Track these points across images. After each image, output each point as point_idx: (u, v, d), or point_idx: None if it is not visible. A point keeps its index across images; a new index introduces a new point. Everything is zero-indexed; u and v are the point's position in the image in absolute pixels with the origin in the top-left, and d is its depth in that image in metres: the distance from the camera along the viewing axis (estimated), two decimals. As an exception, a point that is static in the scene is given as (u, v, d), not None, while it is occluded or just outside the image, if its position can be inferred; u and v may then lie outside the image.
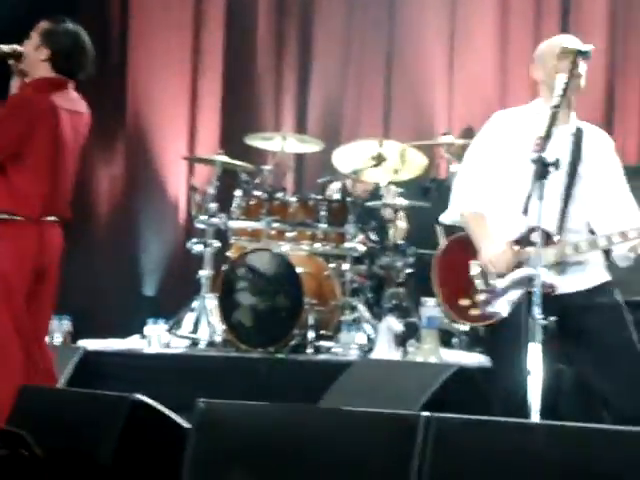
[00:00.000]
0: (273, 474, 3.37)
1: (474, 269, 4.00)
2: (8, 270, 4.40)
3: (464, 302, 4.02)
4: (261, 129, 7.62)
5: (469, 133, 6.68)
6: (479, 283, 3.99)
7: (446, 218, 4.21)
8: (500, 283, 3.94)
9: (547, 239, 3.91)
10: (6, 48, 4.61)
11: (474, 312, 4.01)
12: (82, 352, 6.11)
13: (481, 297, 4.00)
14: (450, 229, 6.55)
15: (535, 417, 3.70)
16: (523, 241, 3.93)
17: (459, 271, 4.04)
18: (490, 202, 4.03)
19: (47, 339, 4.74)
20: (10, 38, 4.65)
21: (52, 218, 4.57)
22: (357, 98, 7.85)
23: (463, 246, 4.07)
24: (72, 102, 4.60)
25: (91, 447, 3.39)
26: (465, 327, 6.17)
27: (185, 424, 3.64)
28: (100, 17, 8.20)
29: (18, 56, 4.61)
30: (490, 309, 4.00)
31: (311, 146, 7.05)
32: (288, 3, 8.04)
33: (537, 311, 3.66)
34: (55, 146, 4.51)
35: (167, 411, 3.63)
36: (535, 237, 3.79)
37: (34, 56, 4.57)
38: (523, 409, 3.72)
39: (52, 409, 3.56)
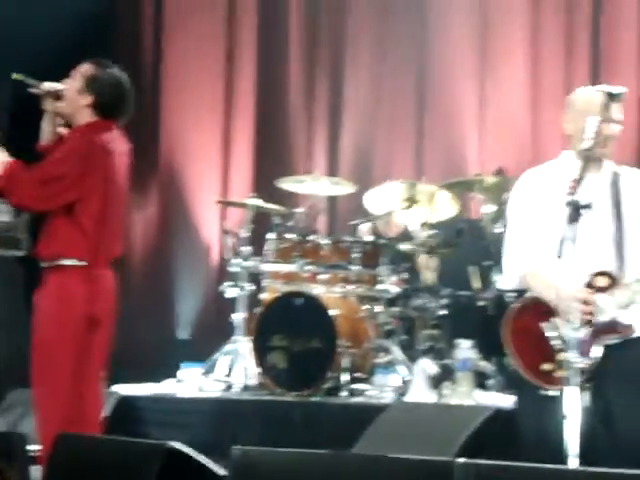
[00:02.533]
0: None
1: (548, 330, 3.95)
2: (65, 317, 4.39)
3: (547, 367, 3.95)
4: (293, 172, 7.65)
5: (500, 173, 6.67)
6: (557, 343, 3.93)
7: (505, 284, 4.18)
8: (580, 332, 3.86)
9: (613, 282, 3.90)
10: (47, 86, 4.55)
11: (561, 373, 3.92)
12: (117, 397, 6.12)
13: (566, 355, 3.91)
14: (483, 271, 6.59)
15: (573, 462, 3.66)
16: (589, 287, 3.91)
17: (532, 336, 3.99)
18: (541, 258, 4.01)
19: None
20: (42, 74, 4.61)
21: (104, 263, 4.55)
22: (388, 139, 7.87)
23: (529, 310, 4.03)
24: (118, 142, 4.61)
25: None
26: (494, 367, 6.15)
27: (220, 470, 3.63)
28: (133, 61, 8.29)
29: (58, 96, 4.58)
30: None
31: (343, 188, 7.07)
32: (319, 49, 8.09)
33: (574, 354, 3.64)
34: (109, 188, 4.52)
35: (202, 458, 3.62)
36: (601, 281, 3.80)
37: (76, 100, 4.51)
38: (560, 453, 3.69)
39: (88, 457, 3.56)
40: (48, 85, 4.56)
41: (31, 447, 3.73)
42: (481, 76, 7.64)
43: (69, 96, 4.54)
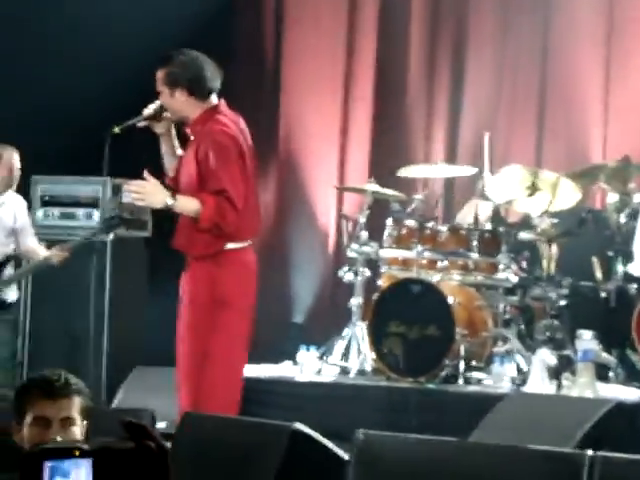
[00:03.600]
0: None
1: None
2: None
3: None
4: (411, 159, 7.61)
5: (626, 162, 6.52)
6: None
7: (637, 271, 4.10)
8: None
9: None
10: (146, 112, 4.60)
11: None
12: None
13: None
14: (605, 262, 6.45)
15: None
16: None
17: None
18: None
19: None
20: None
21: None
22: (509, 127, 7.76)
23: None
24: (239, 120, 4.67)
25: (251, 475, 3.41)
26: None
27: (342, 454, 3.63)
28: (254, 45, 8.35)
29: (160, 113, 4.61)
30: None
31: (462, 170, 7.00)
32: (441, 32, 8.02)
33: None
34: (248, 167, 4.58)
35: (326, 441, 3.63)
36: None
37: (175, 101, 4.54)
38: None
39: (213, 436, 3.60)
40: (146, 111, 4.62)
41: (159, 425, 3.78)
42: (607, 61, 7.48)
43: (168, 103, 4.58)
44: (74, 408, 2.73)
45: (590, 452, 3.24)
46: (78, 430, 2.71)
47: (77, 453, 1.27)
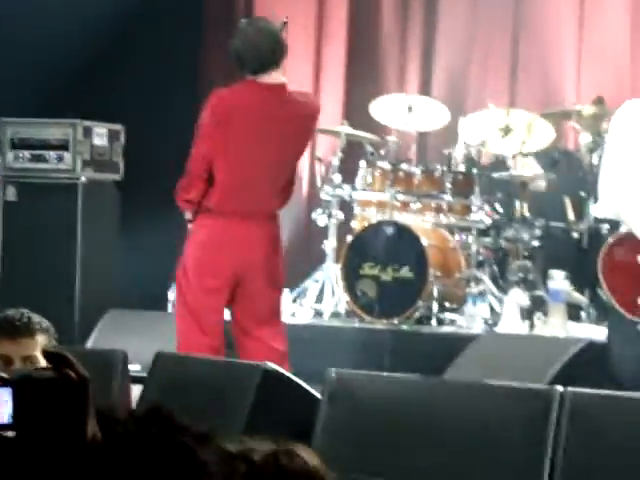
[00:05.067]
0: (403, 444, 3.36)
1: None
2: None
3: None
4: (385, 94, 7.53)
5: (599, 103, 6.52)
6: None
7: (599, 213, 4.12)
8: None
9: None
10: None
11: None
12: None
13: None
14: (578, 202, 6.47)
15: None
16: None
17: (628, 270, 3.93)
18: (638, 195, 3.92)
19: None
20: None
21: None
22: (482, 68, 7.72)
23: (626, 243, 3.96)
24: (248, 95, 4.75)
25: (224, 414, 3.43)
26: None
27: (315, 393, 3.65)
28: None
29: None
30: None
31: (436, 115, 6.96)
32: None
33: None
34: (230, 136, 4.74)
35: (298, 380, 3.64)
36: None
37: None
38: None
39: (185, 375, 3.61)
40: None
41: (131, 367, 3.78)
42: (581, 3, 7.44)
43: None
44: (36, 347, 2.72)
45: (560, 388, 3.27)
46: None
47: None
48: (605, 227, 6.19)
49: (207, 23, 8.06)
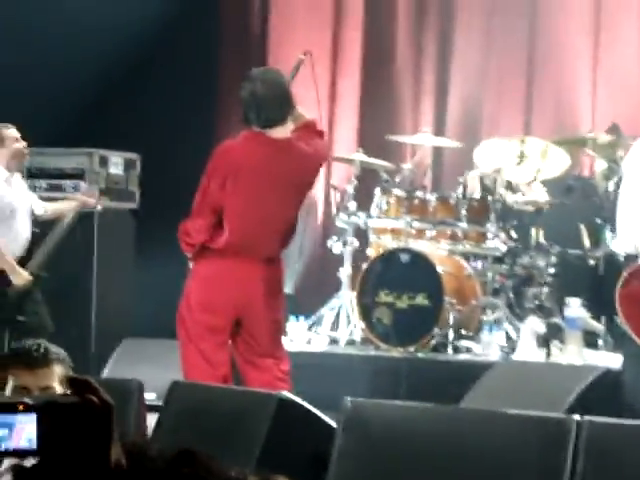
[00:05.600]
0: (419, 473, 3.34)
1: None
2: None
3: None
4: (399, 129, 7.58)
5: (615, 130, 6.51)
6: None
7: (619, 248, 4.13)
8: None
9: None
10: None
11: None
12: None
13: None
14: (594, 230, 6.46)
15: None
16: None
17: None
18: None
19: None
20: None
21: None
22: (497, 96, 7.74)
23: None
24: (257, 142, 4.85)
25: (239, 443, 3.42)
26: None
27: (330, 421, 3.64)
28: (240, 17, 8.29)
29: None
30: None
31: (450, 142, 6.98)
32: (427, 2, 7.98)
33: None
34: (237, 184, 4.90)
35: (313, 409, 3.63)
36: None
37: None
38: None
39: (201, 404, 3.60)
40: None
41: (147, 395, 3.78)
42: (595, 31, 7.45)
43: None
44: (53, 377, 2.72)
45: (577, 417, 3.25)
46: None
47: (21, 407, 1.28)
48: (622, 255, 6.17)
49: (221, 52, 8.11)
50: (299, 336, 6.49)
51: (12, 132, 5.74)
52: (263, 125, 4.63)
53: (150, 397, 4.42)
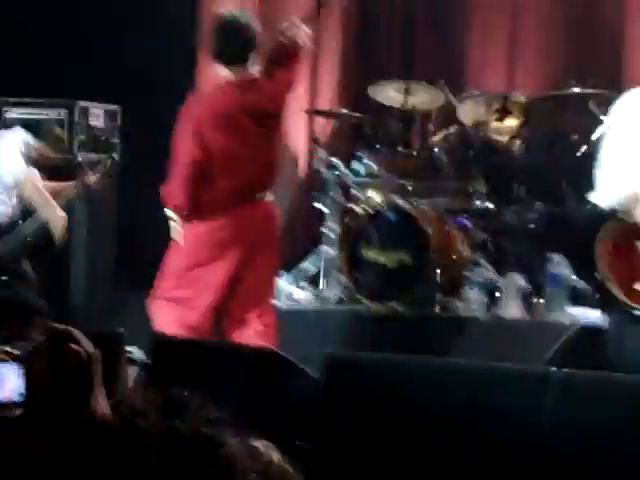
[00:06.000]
0: (402, 423, 3.36)
1: None
2: None
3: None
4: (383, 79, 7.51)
5: (595, 87, 6.49)
6: None
7: (600, 202, 4.12)
8: None
9: None
10: None
11: None
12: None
13: None
14: (578, 187, 6.44)
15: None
16: None
17: (626, 256, 3.93)
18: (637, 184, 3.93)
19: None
20: None
21: None
22: (481, 48, 7.68)
23: (625, 229, 3.97)
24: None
25: (221, 395, 3.42)
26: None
27: (314, 374, 3.64)
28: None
29: None
30: None
31: (435, 97, 6.92)
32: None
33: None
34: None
35: (295, 362, 3.64)
36: None
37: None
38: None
39: (189, 360, 3.60)
40: None
41: (130, 349, 3.78)
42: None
43: None
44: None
45: (554, 369, 3.28)
46: None
47: (5, 357, 1.27)
48: (605, 210, 6.17)
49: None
50: (282, 291, 6.48)
51: None
52: (229, 63, 4.86)
53: (132, 351, 4.42)
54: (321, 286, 6.55)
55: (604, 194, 4.07)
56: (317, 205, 6.72)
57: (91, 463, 1.23)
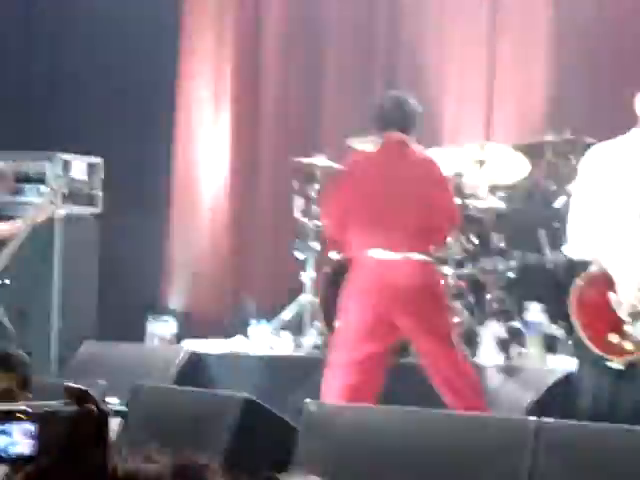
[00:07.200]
0: (380, 474, 3.37)
1: (615, 302, 3.93)
2: None
3: (613, 338, 3.95)
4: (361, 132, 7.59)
5: (574, 135, 6.58)
6: (624, 314, 3.92)
7: (572, 254, 4.18)
8: None
9: None
10: None
11: (627, 345, 3.92)
12: (186, 353, 6.17)
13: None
14: (555, 234, 6.50)
15: None
16: None
17: (599, 309, 3.98)
18: (605, 242, 4.00)
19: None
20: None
21: None
22: (458, 98, 7.78)
23: (598, 281, 4.01)
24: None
25: (204, 444, 3.43)
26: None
27: (293, 423, 3.66)
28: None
29: None
30: None
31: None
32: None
33: None
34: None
35: (276, 411, 3.65)
36: None
37: None
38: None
39: (165, 407, 3.61)
40: None
41: (110, 400, 3.78)
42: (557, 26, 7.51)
43: None
44: (12, 381, 2.72)
45: (535, 418, 3.30)
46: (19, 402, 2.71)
47: (20, 416, 1.29)
48: (580, 260, 6.23)
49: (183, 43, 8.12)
50: (262, 340, 6.50)
51: None
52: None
53: (112, 401, 4.42)
54: (301, 334, 6.57)
55: (574, 246, 4.13)
56: (297, 254, 6.76)
57: None
